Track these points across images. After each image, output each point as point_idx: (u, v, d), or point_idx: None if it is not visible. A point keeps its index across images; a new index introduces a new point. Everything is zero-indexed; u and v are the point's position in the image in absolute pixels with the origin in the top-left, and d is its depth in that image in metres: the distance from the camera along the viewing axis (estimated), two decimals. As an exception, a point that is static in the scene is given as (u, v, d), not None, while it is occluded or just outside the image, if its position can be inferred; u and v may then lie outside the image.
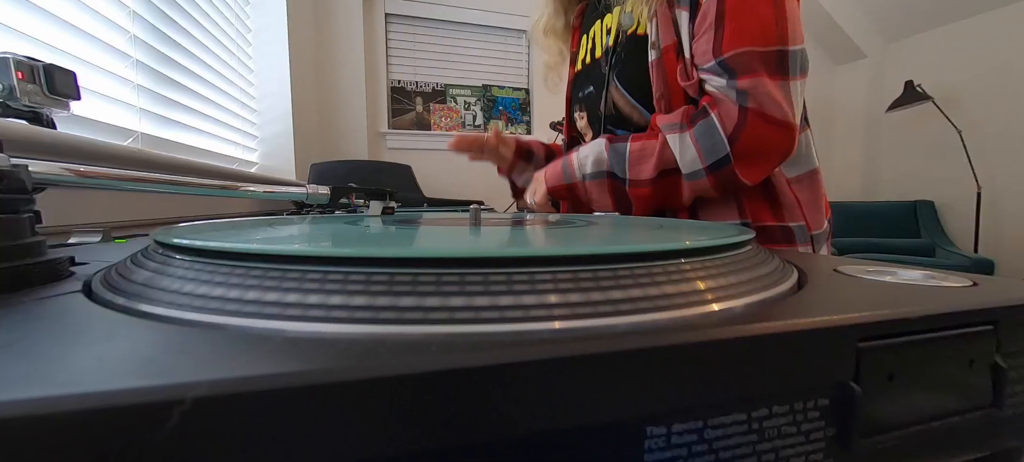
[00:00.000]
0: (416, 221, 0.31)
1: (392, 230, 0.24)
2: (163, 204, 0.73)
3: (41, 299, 0.14)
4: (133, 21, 0.80)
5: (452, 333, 0.11)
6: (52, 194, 0.27)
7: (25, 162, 0.18)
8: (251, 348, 0.10)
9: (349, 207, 0.50)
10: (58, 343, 0.10)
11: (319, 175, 1.58)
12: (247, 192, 0.42)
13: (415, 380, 0.09)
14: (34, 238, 0.17)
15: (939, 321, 0.13)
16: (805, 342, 0.12)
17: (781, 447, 0.12)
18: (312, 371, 0.08)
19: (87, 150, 0.57)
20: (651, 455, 0.11)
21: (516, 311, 0.11)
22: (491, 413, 0.09)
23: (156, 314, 0.13)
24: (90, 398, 0.07)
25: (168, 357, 0.09)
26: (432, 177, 2.09)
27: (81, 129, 0.65)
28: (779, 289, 0.15)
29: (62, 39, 0.64)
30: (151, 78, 0.86)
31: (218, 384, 0.08)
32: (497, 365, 0.09)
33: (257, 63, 1.44)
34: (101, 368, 0.08)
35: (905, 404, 0.13)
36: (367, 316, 0.11)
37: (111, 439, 0.07)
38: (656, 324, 0.12)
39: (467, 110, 2.34)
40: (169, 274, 0.14)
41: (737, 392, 0.11)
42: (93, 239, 0.33)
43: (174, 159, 0.78)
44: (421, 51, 2.24)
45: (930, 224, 2.40)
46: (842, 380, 0.12)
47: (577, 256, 0.13)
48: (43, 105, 0.51)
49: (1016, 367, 0.14)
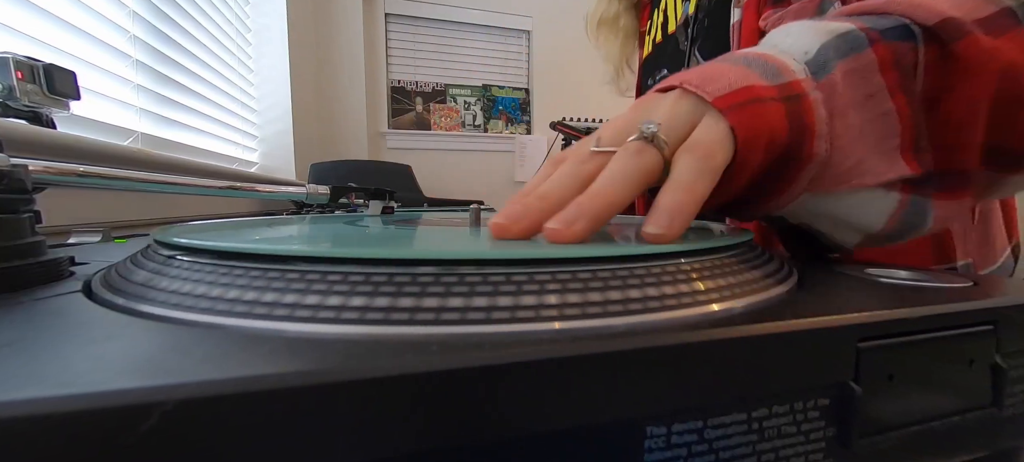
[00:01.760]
0: (416, 221, 0.31)
1: (392, 230, 0.24)
2: (163, 204, 0.73)
3: (41, 299, 0.14)
4: (133, 21, 0.80)
5: (452, 333, 0.11)
6: (52, 194, 0.27)
7: (25, 162, 0.18)
8: (251, 348, 0.10)
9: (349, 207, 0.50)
10: (58, 343, 0.10)
11: (319, 175, 1.57)
12: (247, 192, 0.42)
13: (415, 380, 0.09)
14: (34, 238, 0.17)
15: (939, 321, 0.13)
16: (805, 342, 0.12)
17: (781, 447, 0.12)
18: (312, 371, 0.08)
19: (87, 150, 0.57)
20: (651, 455, 0.11)
21: (516, 311, 0.11)
22: (491, 413, 0.09)
23: (156, 314, 0.13)
24: (89, 398, 0.07)
25: (168, 357, 0.09)
26: (432, 177, 2.09)
27: (81, 129, 0.65)
28: (779, 289, 0.15)
29: (62, 39, 0.64)
30: (151, 78, 0.85)
31: (217, 384, 0.08)
32: (497, 365, 0.09)
33: (257, 63, 1.44)
34: (101, 368, 0.08)
35: (905, 404, 0.13)
36: (367, 317, 0.11)
37: (111, 439, 0.07)
38: (656, 324, 0.12)
39: (467, 110, 2.34)
40: (169, 274, 0.14)
41: (737, 392, 0.11)
42: (93, 239, 0.33)
43: (174, 159, 0.78)
44: (421, 51, 2.25)
45: (930, 224, 2.40)
46: (842, 380, 0.12)
47: (577, 257, 0.13)
48: (43, 105, 0.51)
49: (1016, 367, 0.14)
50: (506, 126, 2.40)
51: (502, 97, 2.39)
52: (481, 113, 2.36)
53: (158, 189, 0.34)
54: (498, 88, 2.38)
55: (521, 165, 2.32)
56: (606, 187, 0.18)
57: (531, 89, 2.40)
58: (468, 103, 2.34)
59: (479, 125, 2.36)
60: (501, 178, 2.33)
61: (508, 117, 2.40)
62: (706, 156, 0.18)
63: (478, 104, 2.36)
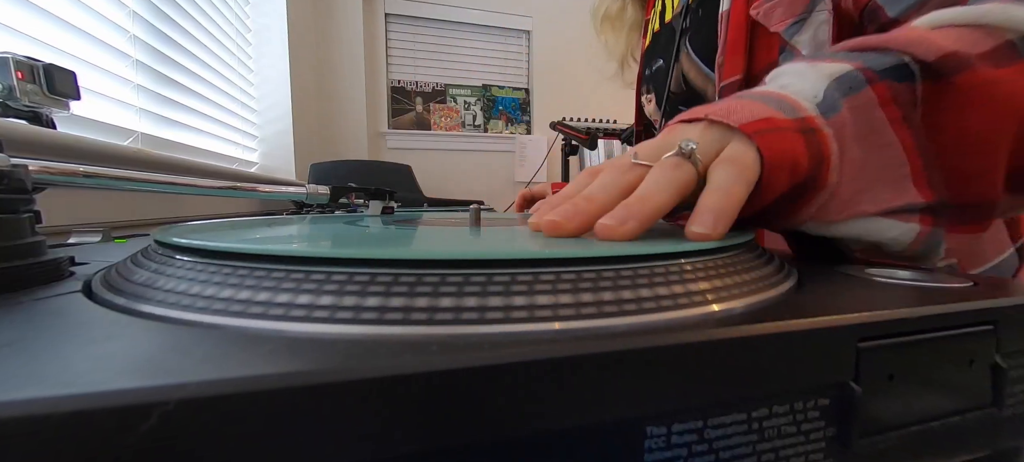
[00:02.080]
0: (416, 221, 0.31)
1: (392, 230, 0.24)
2: (163, 204, 0.73)
3: (41, 299, 0.14)
4: (133, 21, 0.80)
5: (452, 334, 0.11)
6: (52, 194, 0.27)
7: (25, 162, 0.18)
8: (251, 348, 0.10)
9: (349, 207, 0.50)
10: (58, 343, 0.10)
11: (319, 175, 1.58)
12: (247, 192, 0.42)
13: (415, 380, 0.09)
14: (34, 238, 0.17)
15: (939, 321, 0.13)
16: (805, 342, 0.12)
17: (781, 447, 0.12)
18: (312, 371, 0.08)
19: (87, 150, 0.57)
20: (651, 455, 0.11)
21: (517, 311, 0.11)
22: (491, 413, 0.09)
23: (156, 314, 0.13)
24: (89, 398, 0.07)
25: (169, 357, 0.09)
26: (432, 177, 2.09)
27: (81, 129, 0.65)
28: (779, 289, 0.15)
29: (62, 39, 0.64)
30: (151, 78, 0.86)
31: (217, 384, 0.08)
32: (497, 365, 0.09)
33: (257, 63, 1.44)
34: (101, 368, 0.08)
35: (905, 404, 0.13)
36: (367, 317, 0.11)
37: (111, 439, 0.07)
38: (656, 324, 0.12)
39: (467, 110, 2.34)
40: (169, 274, 0.14)
41: (737, 392, 0.11)
42: (93, 239, 0.33)
43: (174, 159, 0.78)
44: (421, 51, 2.25)
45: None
46: (842, 380, 0.12)
47: (578, 257, 0.13)
48: (43, 105, 0.51)
49: (1016, 367, 0.14)
50: (506, 126, 2.40)
51: (502, 97, 2.39)
52: (481, 113, 2.36)
53: (158, 189, 0.34)
54: (498, 88, 2.38)
55: (521, 165, 2.32)
56: (652, 193, 0.19)
57: (531, 89, 2.40)
58: (468, 103, 2.34)
59: (479, 125, 2.36)
60: (501, 178, 2.33)
61: (508, 117, 2.40)
62: (742, 168, 0.19)
63: (478, 104, 2.36)
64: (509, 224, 0.29)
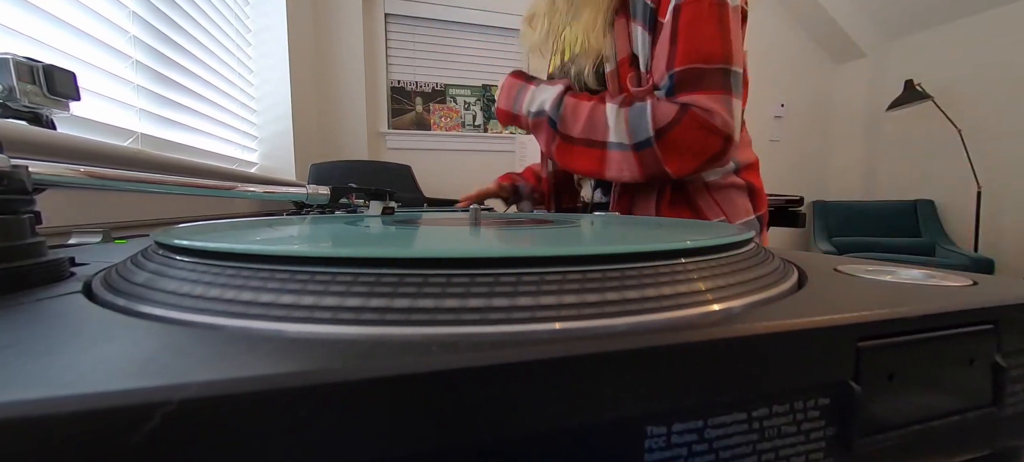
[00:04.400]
0: (416, 221, 0.31)
1: (392, 230, 0.24)
2: (163, 204, 0.73)
3: (41, 300, 0.14)
4: (133, 21, 0.80)
5: (452, 334, 0.11)
6: (52, 194, 0.27)
7: (25, 162, 0.18)
8: (251, 349, 0.10)
9: (349, 207, 0.50)
10: (58, 344, 0.10)
11: (319, 175, 1.57)
12: (247, 192, 0.42)
13: (415, 381, 0.09)
14: (34, 239, 0.17)
15: (939, 320, 0.13)
16: (805, 342, 0.12)
17: (781, 446, 0.12)
18: (312, 371, 0.08)
19: (87, 150, 0.57)
20: (651, 454, 0.11)
21: (517, 311, 0.11)
22: (491, 413, 0.09)
23: (156, 315, 0.13)
24: (90, 399, 0.07)
25: (169, 358, 0.09)
26: (432, 177, 2.09)
27: (81, 129, 0.65)
28: (779, 289, 0.15)
29: (62, 39, 0.64)
30: (151, 78, 0.85)
31: (218, 385, 0.08)
32: (498, 365, 0.09)
33: (257, 63, 1.44)
34: (102, 369, 0.08)
35: (905, 403, 0.13)
36: (367, 317, 0.11)
37: (112, 440, 0.07)
38: (656, 324, 0.12)
39: (467, 110, 2.34)
40: (169, 275, 0.14)
41: (737, 392, 0.11)
42: (93, 240, 0.33)
43: (174, 159, 0.78)
44: (421, 51, 2.24)
45: (930, 223, 2.40)
46: (842, 379, 0.12)
47: (577, 256, 0.13)
48: (43, 106, 0.51)
49: (1016, 366, 0.14)
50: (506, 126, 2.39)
51: (502, 97, 2.38)
52: (481, 113, 2.36)
53: (158, 190, 0.34)
54: (498, 88, 2.37)
55: (521, 165, 2.31)
56: None
57: (531, 89, 2.40)
58: (468, 103, 2.34)
59: (479, 125, 2.36)
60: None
61: (508, 117, 2.40)
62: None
63: (478, 104, 2.35)
64: (509, 224, 0.29)
